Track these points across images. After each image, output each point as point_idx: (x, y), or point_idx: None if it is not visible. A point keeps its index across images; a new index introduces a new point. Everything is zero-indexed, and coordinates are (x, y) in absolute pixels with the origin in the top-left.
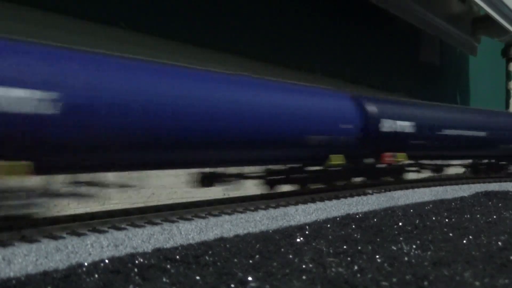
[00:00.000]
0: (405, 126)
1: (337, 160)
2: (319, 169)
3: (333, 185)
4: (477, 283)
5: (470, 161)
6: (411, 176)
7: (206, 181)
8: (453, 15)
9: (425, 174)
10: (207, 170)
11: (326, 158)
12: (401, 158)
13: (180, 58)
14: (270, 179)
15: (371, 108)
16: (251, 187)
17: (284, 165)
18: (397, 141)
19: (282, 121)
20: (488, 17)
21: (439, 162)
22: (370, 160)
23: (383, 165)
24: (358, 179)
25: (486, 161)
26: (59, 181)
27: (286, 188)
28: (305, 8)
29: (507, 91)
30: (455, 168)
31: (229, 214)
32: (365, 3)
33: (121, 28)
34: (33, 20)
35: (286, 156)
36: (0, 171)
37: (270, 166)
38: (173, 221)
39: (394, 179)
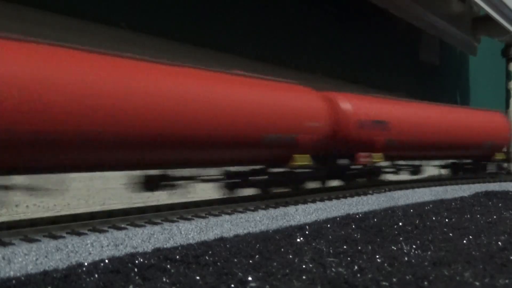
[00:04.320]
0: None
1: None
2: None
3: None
4: (477, 283)
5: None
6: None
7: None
8: (453, 15)
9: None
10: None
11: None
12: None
13: (180, 58)
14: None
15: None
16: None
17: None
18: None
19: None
20: (488, 17)
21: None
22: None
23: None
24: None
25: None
26: None
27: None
28: (304, 8)
29: (507, 91)
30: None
31: (229, 214)
32: (365, 3)
33: (121, 28)
34: (34, 20)
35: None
36: None
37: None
38: (173, 221)
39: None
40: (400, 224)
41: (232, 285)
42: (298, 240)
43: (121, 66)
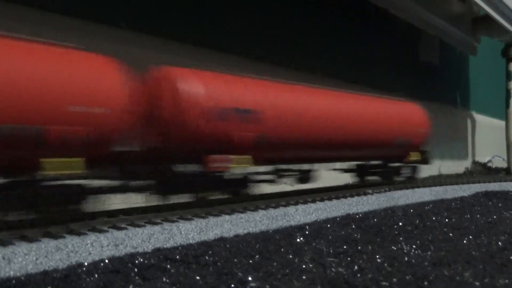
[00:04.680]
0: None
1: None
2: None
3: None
4: (477, 283)
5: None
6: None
7: None
8: (453, 15)
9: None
10: None
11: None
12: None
13: (180, 58)
14: None
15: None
16: None
17: None
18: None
19: None
20: (488, 17)
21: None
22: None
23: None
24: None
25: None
26: None
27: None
28: (304, 8)
29: (507, 91)
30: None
31: (229, 214)
32: (365, 3)
33: (121, 28)
34: (33, 20)
35: None
36: None
37: None
38: (173, 221)
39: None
40: (400, 224)
41: (232, 285)
42: (298, 240)
43: None
